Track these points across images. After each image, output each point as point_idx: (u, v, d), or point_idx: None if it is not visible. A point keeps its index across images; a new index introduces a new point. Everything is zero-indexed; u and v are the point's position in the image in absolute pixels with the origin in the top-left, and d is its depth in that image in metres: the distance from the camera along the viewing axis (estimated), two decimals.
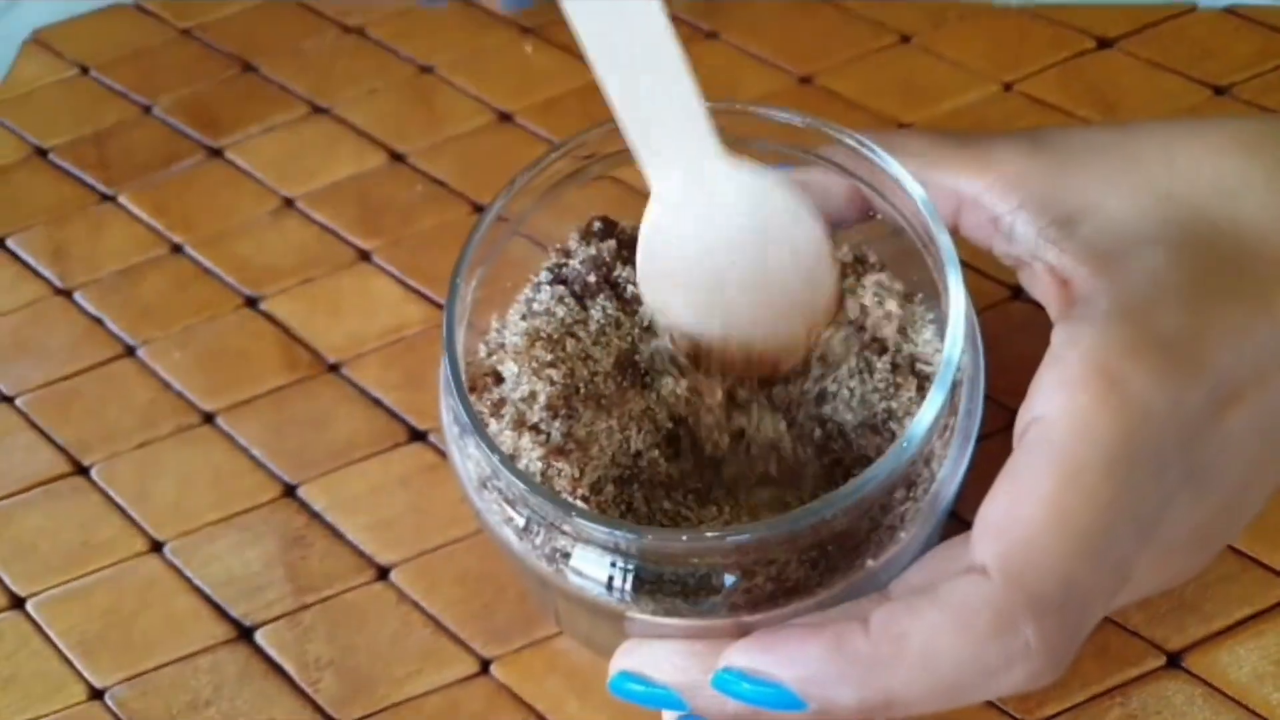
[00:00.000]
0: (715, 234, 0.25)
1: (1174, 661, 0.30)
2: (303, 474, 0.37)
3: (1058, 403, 0.24)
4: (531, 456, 0.27)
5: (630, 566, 0.25)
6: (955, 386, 0.26)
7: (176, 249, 0.42)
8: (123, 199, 0.44)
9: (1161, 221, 0.26)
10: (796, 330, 0.27)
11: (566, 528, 0.25)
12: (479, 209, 0.41)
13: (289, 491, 0.36)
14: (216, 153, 0.45)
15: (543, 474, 0.26)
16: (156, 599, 0.35)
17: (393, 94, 0.45)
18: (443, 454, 0.36)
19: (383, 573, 0.35)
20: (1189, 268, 0.25)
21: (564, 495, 0.26)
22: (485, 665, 0.33)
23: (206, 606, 0.34)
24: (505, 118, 0.44)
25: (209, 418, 0.38)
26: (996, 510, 0.24)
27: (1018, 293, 0.36)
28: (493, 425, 0.27)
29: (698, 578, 0.25)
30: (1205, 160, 0.26)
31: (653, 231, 0.26)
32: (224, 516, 0.36)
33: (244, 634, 0.34)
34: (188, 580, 0.35)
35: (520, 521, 0.26)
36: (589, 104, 0.41)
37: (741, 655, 0.25)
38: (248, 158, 0.44)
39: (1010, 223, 0.27)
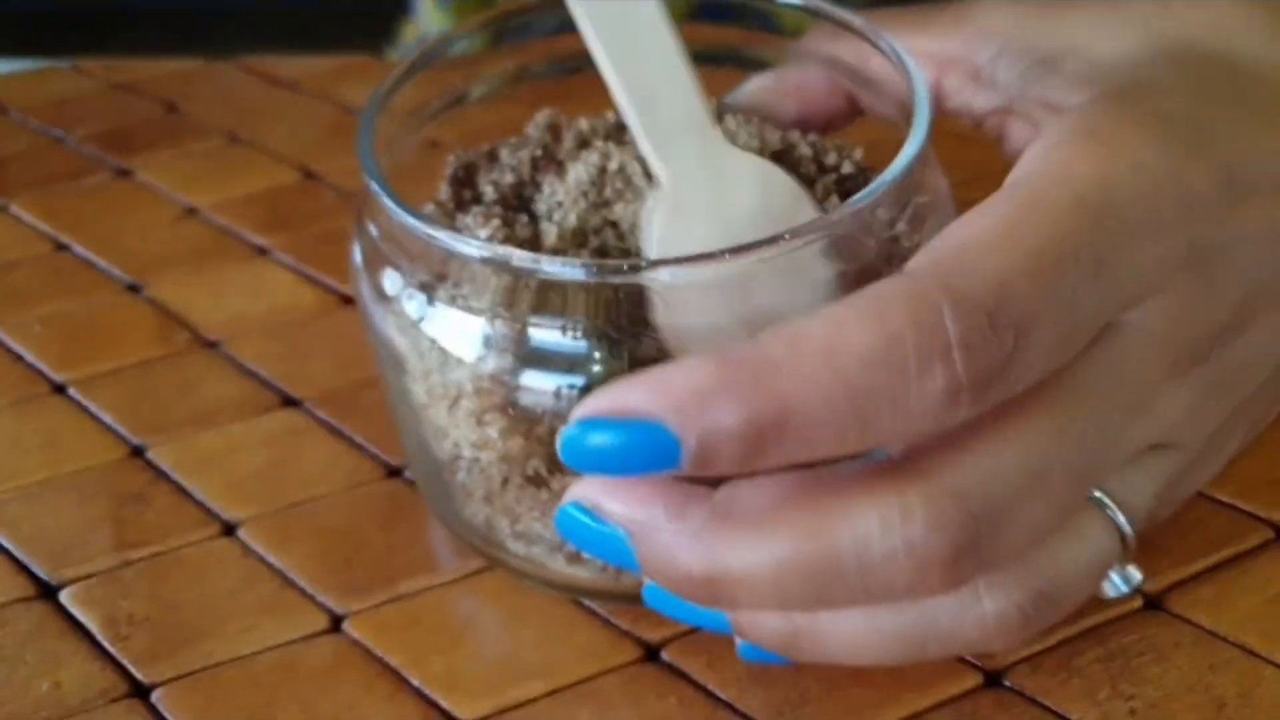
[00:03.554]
0: (729, 211, 0.25)
1: (1154, 604, 0.25)
2: (155, 437, 0.31)
3: (1035, 164, 0.21)
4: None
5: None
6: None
7: (61, 247, 0.39)
8: (14, 208, 0.41)
9: (1152, 53, 0.24)
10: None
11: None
12: None
13: (136, 453, 0.31)
14: (126, 173, 0.42)
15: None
16: None
17: (316, 129, 0.44)
18: (316, 419, 0.31)
19: (229, 529, 0.29)
20: (1188, 78, 0.23)
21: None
22: (337, 621, 0.26)
23: (4, 565, 0.28)
24: (435, 144, 0.42)
25: (60, 388, 0.33)
26: (936, 239, 0.20)
27: None
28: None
29: None
30: (1205, 3, 0.25)
31: (671, 212, 0.25)
32: (49, 477, 0.30)
33: (46, 592, 0.27)
34: None
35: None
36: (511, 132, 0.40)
37: (604, 397, 0.19)
38: (157, 176, 0.42)
39: (991, 71, 0.26)
